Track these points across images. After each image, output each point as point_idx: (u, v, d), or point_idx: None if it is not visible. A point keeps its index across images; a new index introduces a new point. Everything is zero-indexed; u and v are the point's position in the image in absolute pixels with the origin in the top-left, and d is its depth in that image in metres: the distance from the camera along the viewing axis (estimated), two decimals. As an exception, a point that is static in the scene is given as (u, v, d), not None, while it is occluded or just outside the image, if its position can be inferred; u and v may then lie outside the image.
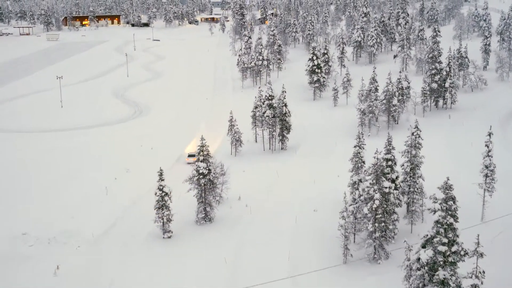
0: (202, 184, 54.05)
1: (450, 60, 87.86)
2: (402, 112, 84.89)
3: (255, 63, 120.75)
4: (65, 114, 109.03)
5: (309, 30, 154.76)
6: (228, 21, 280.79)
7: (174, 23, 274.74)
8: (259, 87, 77.92)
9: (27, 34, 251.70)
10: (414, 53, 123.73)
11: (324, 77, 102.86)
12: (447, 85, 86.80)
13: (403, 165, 52.87)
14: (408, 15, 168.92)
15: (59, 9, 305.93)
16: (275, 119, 75.81)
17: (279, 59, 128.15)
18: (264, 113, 75.57)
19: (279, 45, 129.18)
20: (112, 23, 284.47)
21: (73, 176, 71.38)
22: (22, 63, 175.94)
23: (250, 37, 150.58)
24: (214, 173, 55.33)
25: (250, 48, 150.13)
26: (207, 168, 54.10)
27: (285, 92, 76.31)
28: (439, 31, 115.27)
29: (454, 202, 34.93)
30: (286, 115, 75.24)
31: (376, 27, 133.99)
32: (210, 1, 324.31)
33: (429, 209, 36.54)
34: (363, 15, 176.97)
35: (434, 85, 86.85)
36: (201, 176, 53.83)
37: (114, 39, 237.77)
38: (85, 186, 67.88)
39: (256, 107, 77.27)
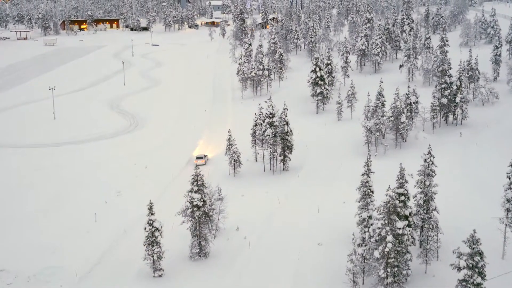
0: (196, 217, 49.52)
1: (460, 74, 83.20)
2: (411, 129, 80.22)
3: (255, 73, 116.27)
4: (57, 127, 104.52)
5: (311, 37, 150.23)
6: (228, 25, 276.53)
7: (173, 27, 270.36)
8: (259, 104, 73.33)
9: (24, 39, 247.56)
10: (421, 63, 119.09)
11: (327, 89, 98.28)
12: (457, 100, 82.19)
13: (415, 196, 48.35)
14: (413, 21, 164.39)
15: (57, 13, 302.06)
16: (276, 138, 71.24)
17: (280, 68, 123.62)
18: (264, 131, 71.00)
19: (281, 54, 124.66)
20: (111, 27, 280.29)
21: (60, 201, 66.87)
22: (17, 70, 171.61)
23: (250, 44, 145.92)
24: (209, 204, 50.78)
25: (250, 55, 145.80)
26: (202, 200, 49.56)
27: (287, 109, 71.76)
28: (447, 41, 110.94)
29: (481, 258, 30.30)
30: (288, 134, 70.68)
31: (380, 35, 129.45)
32: (210, 4, 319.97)
33: (452, 265, 31.93)
34: (366, 21, 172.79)
35: (444, 100, 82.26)
36: (195, 209, 49.30)
37: (112, 44, 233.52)
38: (73, 212, 63.38)
39: (256, 125, 72.65)
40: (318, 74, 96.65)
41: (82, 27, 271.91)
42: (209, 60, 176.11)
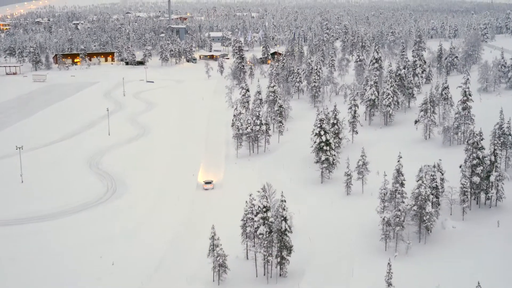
0: None
1: (495, 147, 69.14)
2: (437, 216, 65.72)
3: (251, 128, 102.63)
4: (22, 194, 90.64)
5: (314, 81, 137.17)
6: (228, 58, 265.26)
7: (170, 61, 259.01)
8: (251, 195, 59.04)
9: (13, 74, 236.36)
10: (439, 118, 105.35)
11: (334, 155, 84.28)
12: (492, 179, 67.96)
13: None
14: (425, 62, 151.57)
15: (52, 45, 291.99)
16: (272, 237, 56.93)
17: (280, 121, 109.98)
18: (257, 229, 56.77)
19: (280, 106, 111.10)
20: (106, 60, 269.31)
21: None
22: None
23: (247, 90, 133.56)
24: None
25: (248, 102, 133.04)
26: None
27: (285, 201, 57.40)
28: (470, 95, 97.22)
29: None
30: (287, 232, 56.41)
31: (392, 82, 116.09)
32: (210, 36, 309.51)
33: None
34: (374, 61, 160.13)
35: (476, 179, 68.08)
36: None
37: (105, 80, 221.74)
38: None
39: (246, 221, 58.41)
40: (323, 138, 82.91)
41: (75, 61, 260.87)
42: (205, 103, 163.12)
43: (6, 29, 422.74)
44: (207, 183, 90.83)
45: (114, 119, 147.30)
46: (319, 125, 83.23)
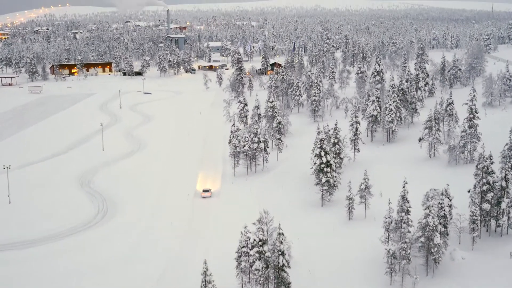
0: None
1: (506, 172, 65.09)
2: (446, 247, 61.55)
3: (249, 146, 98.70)
4: (8, 217, 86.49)
5: (314, 96, 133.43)
6: (227, 69, 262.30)
7: (169, 71, 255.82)
8: (246, 227, 54.84)
9: (9, 85, 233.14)
10: (444, 136, 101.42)
11: (335, 177, 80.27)
12: (503, 205, 63.92)
13: None
14: (428, 75, 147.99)
15: (49, 54, 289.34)
16: (268, 273, 52.80)
17: (279, 138, 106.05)
18: (252, 264, 52.66)
19: (279, 122, 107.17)
20: (104, 71, 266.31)
21: None
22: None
23: (245, 104, 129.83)
24: None
25: (246, 116, 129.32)
26: None
27: (282, 234, 53.29)
28: (476, 112, 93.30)
29: None
30: (284, 267, 52.28)
31: (394, 97, 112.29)
32: (209, 46, 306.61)
33: None
34: (375, 73, 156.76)
35: (487, 206, 63.99)
36: None
37: (102, 92, 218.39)
38: None
39: (241, 254, 54.27)
40: (324, 159, 78.90)
41: (72, 71, 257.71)
42: (202, 117, 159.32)
43: (4, 38, 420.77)
44: (205, 191, 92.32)
45: (109, 133, 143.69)
46: (319, 145, 79.28)
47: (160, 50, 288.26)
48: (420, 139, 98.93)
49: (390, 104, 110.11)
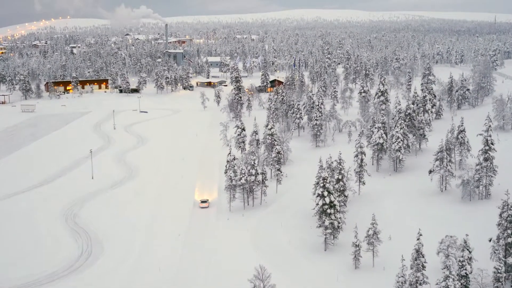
0: None
1: (533, 220, 57.69)
2: (466, 309, 54.06)
3: (246, 179, 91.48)
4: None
5: (316, 119, 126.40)
6: (226, 85, 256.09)
7: (166, 88, 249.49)
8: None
9: (2, 103, 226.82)
10: (456, 165, 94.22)
11: (339, 220, 72.90)
12: (531, 259, 56.49)
13: None
14: (435, 96, 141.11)
15: (45, 71, 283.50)
16: None
17: (279, 169, 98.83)
18: None
19: (278, 152, 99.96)
20: (100, 88, 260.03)
21: None
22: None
23: (243, 129, 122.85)
24: None
25: (243, 142, 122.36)
26: None
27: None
28: (492, 144, 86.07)
29: None
30: None
31: (401, 124, 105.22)
32: (207, 61, 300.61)
33: None
34: (379, 93, 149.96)
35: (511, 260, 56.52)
36: None
37: (97, 110, 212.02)
38: None
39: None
40: (327, 199, 71.57)
41: (67, 88, 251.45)
42: (198, 140, 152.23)
43: (2, 53, 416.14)
44: (203, 201, 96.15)
45: (101, 157, 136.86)
46: (322, 184, 72.00)
47: (158, 65, 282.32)
48: (430, 171, 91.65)
49: (397, 132, 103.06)
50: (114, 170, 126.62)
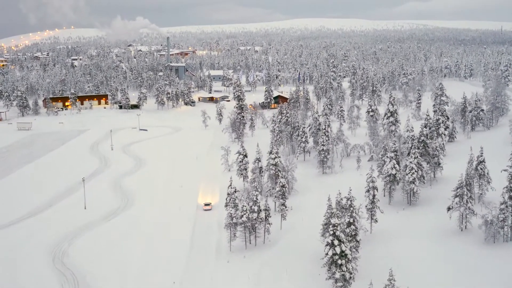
0: None
1: None
2: None
3: (247, 217, 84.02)
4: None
5: (323, 144, 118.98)
6: (228, 101, 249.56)
7: (167, 104, 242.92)
8: None
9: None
10: (475, 200, 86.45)
11: (351, 270, 65.17)
12: None
13: None
14: (448, 118, 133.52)
15: (44, 85, 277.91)
16: None
17: (283, 204, 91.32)
18: None
19: (283, 186, 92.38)
20: (99, 103, 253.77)
21: None
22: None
23: (245, 155, 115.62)
24: None
25: (245, 169, 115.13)
26: None
27: None
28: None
29: None
30: None
31: (415, 153, 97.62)
32: (210, 75, 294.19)
33: None
34: (389, 114, 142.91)
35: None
36: None
37: (95, 128, 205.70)
38: None
39: None
40: (337, 249, 63.98)
41: (66, 104, 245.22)
42: (198, 163, 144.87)
43: (2, 65, 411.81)
44: (206, 204, 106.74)
45: (95, 183, 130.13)
46: (331, 231, 64.42)
47: (160, 79, 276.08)
48: (448, 208, 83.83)
49: (411, 162, 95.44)
50: (109, 198, 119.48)
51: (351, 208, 73.11)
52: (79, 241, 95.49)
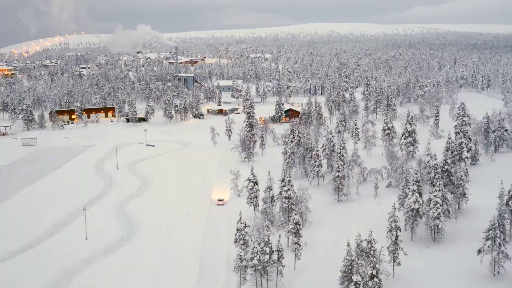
0: None
1: None
2: None
3: (258, 259, 77.24)
4: None
5: (338, 170, 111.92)
6: (238, 113, 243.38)
7: (175, 117, 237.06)
8: None
9: (3, 134, 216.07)
10: (510, 246, 78.89)
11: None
12: None
13: None
14: (470, 140, 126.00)
15: (51, 96, 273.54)
16: None
17: (297, 243, 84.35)
18: None
19: (296, 223, 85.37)
20: (106, 116, 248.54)
21: None
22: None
23: (256, 183, 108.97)
24: None
25: (256, 197, 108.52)
26: None
27: None
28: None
29: None
30: None
31: (439, 186, 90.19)
32: (219, 86, 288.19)
33: None
34: (407, 134, 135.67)
35: None
36: None
37: (101, 143, 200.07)
38: None
39: None
40: (360, 309, 56.86)
41: (72, 117, 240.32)
42: (206, 186, 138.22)
43: (11, 74, 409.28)
44: (220, 200, 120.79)
45: (98, 208, 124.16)
46: (349, 280, 57.36)
47: (168, 90, 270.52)
48: (479, 251, 76.43)
49: (435, 196, 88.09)
50: (112, 226, 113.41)
51: (373, 257, 65.96)
52: (78, 278, 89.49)
